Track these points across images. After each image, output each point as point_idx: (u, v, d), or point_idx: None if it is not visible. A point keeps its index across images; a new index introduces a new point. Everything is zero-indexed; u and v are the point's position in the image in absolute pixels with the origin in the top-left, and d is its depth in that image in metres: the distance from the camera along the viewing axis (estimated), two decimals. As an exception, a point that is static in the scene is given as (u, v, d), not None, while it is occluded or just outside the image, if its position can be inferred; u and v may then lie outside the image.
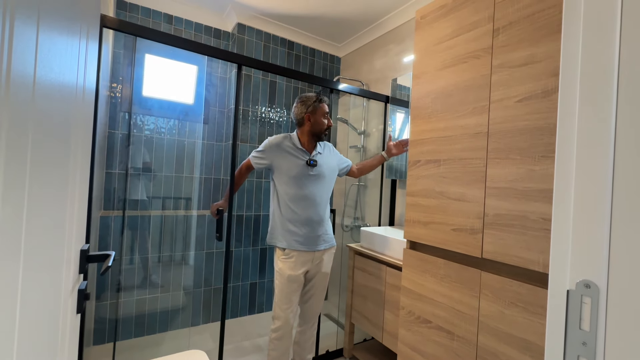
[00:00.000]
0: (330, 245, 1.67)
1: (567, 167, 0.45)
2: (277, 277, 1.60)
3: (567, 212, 0.45)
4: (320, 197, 1.62)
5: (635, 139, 0.39)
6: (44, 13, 0.37)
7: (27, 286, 0.37)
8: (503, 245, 0.96)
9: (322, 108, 1.61)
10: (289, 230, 1.57)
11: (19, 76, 0.31)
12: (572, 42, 0.45)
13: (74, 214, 0.60)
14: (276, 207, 1.62)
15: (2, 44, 0.27)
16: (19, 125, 0.33)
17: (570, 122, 0.45)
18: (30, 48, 0.33)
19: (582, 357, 0.42)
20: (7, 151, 0.30)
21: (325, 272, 1.68)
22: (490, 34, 1.03)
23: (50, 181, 0.45)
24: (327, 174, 1.65)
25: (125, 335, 2.06)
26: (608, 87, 0.41)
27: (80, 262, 0.63)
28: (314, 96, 1.62)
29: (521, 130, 0.93)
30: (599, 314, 0.41)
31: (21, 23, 0.31)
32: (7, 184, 0.30)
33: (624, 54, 0.39)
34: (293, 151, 1.59)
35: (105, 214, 1.98)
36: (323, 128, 1.62)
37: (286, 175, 1.57)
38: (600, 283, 0.41)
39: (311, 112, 1.61)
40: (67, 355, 0.61)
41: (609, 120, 0.41)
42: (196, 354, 1.28)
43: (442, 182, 1.17)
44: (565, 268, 0.45)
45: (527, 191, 0.91)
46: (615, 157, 0.40)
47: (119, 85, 2.04)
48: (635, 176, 0.38)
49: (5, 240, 0.31)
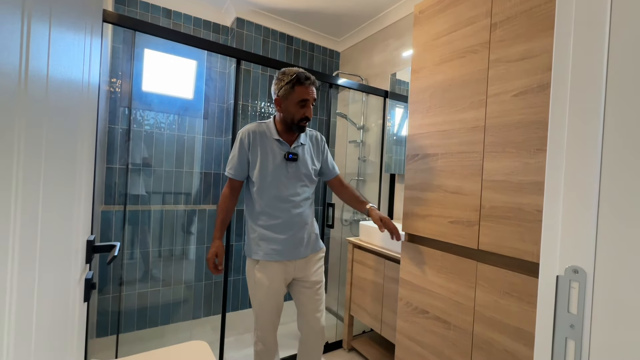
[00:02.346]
0: (315, 249, 1.38)
1: (557, 160, 0.47)
2: (254, 291, 1.32)
3: (557, 203, 0.47)
4: (302, 197, 1.32)
5: (621, 135, 0.40)
6: (55, 10, 0.38)
7: (42, 275, 0.39)
8: (499, 237, 0.99)
9: (298, 92, 1.21)
10: (267, 238, 1.28)
11: (35, 73, 0.33)
12: (564, 38, 0.46)
13: (81, 206, 0.62)
14: (249, 212, 1.33)
15: (21, 42, 0.28)
16: (35, 121, 0.34)
17: (561, 117, 0.47)
18: (43, 45, 0.35)
19: (570, 339, 0.44)
20: (27, 147, 0.32)
21: (316, 280, 1.37)
22: (488, 29, 1.04)
23: (61, 174, 0.46)
24: (309, 170, 1.35)
25: (128, 328, 2.09)
26: (597, 84, 0.42)
27: (87, 252, 0.65)
28: (293, 73, 1.22)
29: (517, 124, 0.95)
30: (586, 297, 0.43)
31: (36, 21, 0.32)
32: (26, 177, 0.32)
33: (613, 49, 0.41)
34: (267, 141, 1.29)
35: (106, 208, 2.00)
36: (295, 119, 1.24)
37: (260, 172, 1.27)
38: (588, 268, 0.43)
39: (282, 96, 1.23)
40: (76, 342, 0.63)
41: (598, 116, 0.42)
42: (198, 345, 1.30)
43: (439, 176, 1.18)
44: (555, 255, 0.47)
45: (522, 184, 0.93)
46: (603, 152, 0.42)
47: (119, 80, 2.04)
48: (620, 169, 0.40)
49: (24, 231, 0.33)
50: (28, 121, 0.32)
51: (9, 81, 0.27)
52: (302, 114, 1.24)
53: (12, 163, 0.29)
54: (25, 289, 0.34)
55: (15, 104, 0.29)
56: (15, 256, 0.31)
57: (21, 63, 0.29)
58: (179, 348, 1.27)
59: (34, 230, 0.36)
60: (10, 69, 0.27)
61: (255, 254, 1.30)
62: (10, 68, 0.27)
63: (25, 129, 0.31)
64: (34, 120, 0.34)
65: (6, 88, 0.27)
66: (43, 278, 0.40)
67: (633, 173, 0.39)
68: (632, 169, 0.39)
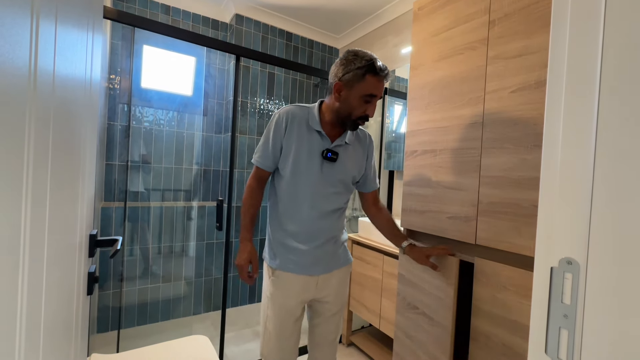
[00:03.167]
0: (343, 264, 1.17)
1: (552, 155, 0.48)
2: (266, 304, 1.12)
3: (552, 196, 0.48)
4: (333, 207, 1.10)
5: (614, 131, 0.41)
6: (61, 8, 0.39)
7: (49, 268, 0.40)
8: (496, 232, 1.00)
9: (369, 84, 0.98)
10: (285, 245, 1.09)
11: (43, 70, 0.34)
12: (560, 36, 0.47)
13: (84, 200, 0.63)
14: (271, 210, 1.14)
15: (31, 40, 0.29)
16: (43, 118, 0.35)
17: (557, 112, 0.48)
18: (50, 42, 0.35)
19: (563, 328, 0.46)
20: (35, 145, 0.32)
21: (339, 294, 1.18)
22: (486, 25, 1.05)
23: (66, 169, 0.47)
24: (348, 176, 1.12)
25: (128, 324, 2.11)
26: (592, 80, 0.43)
27: (90, 246, 0.66)
28: (368, 58, 0.98)
29: (515, 121, 0.96)
30: (579, 288, 0.44)
31: (44, 18, 0.33)
32: (35, 173, 0.33)
33: (607, 45, 0.42)
34: (307, 130, 1.07)
35: (106, 205, 2.00)
36: (354, 114, 1.02)
37: (291, 165, 1.05)
38: (581, 260, 0.44)
39: (346, 81, 0.99)
40: (80, 334, 0.64)
41: (592, 113, 0.43)
42: (199, 339, 1.32)
43: (438, 172, 1.20)
44: (550, 247, 0.48)
45: (520, 179, 0.94)
46: (597, 147, 0.43)
47: (117, 77, 2.04)
48: (613, 165, 0.41)
49: (34, 225, 0.33)
50: (37, 118, 0.33)
51: (21, 78, 0.28)
52: (363, 111, 1.02)
53: (23, 162, 0.30)
54: (35, 281, 0.35)
55: (26, 100, 0.30)
56: (27, 251, 0.32)
57: (31, 60, 0.30)
58: (180, 342, 1.29)
59: (42, 224, 0.36)
60: (21, 66, 0.28)
61: (272, 261, 1.11)
62: (22, 65, 0.28)
63: (34, 126, 0.32)
64: (42, 117, 0.35)
65: (18, 85, 0.28)
66: (50, 271, 0.41)
67: (624, 169, 0.40)
68: (624, 165, 0.40)
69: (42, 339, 0.39)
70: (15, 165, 0.28)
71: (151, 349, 1.22)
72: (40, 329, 0.38)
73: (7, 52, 0.25)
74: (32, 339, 0.35)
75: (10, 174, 0.28)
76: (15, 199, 0.29)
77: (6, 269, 0.28)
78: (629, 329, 0.39)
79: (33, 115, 0.32)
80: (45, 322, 0.39)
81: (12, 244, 0.29)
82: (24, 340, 0.32)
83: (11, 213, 0.28)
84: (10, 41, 0.26)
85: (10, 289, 0.29)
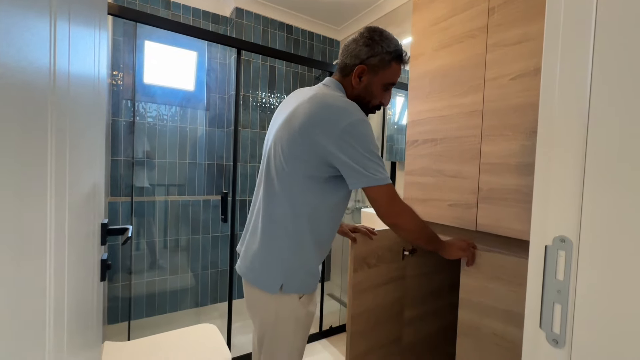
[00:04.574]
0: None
1: (548, 140, 0.50)
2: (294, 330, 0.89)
3: (547, 179, 0.50)
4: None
5: (604, 115, 0.43)
6: (73, 8, 0.41)
7: (70, 255, 0.43)
8: (496, 218, 1.02)
9: (394, 71, 0.90)
10: (315, 273, 0.91)
11: (60, 69, 0.36)
12: (554, 20, 0.48)
13: (96, 190, 0.65)
14: (312, 226, 0.86)
15: (50, 41, 0.31)
16: (62, 115, 0.37)
17: (551, 98, 0.49)
18: (64, 42, 0.37)
19: (557, 303, 0.48)
20: (57, 141, 0.35)
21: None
22: (486, 13, 1.05)
23: (81, 161, 0.49)
24: None
25: (137, 315, 2.16)
26: (584, 71, 0.45)
27: (102, 235, 0.69)
28: (396, 43, 0.90)
29: (514, 108, 0.97)
30: (572, 264, 0.46)
31: (60, 19, 0.35)
32: (57, 167, 0.35)
33: (599, 29, 0.43)
34: None
35: (113, 199, 2.04)
36: (373, 102, 0.93)
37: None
38: (573, 237, 0.46)
39: (372, 66, 0.88)
40: (96, 317, 0.67)
41: (584, 99, 0.45)
42: (207, 327, 1.36)
43: (439, 161, 1.21)
44: (545, 226, 0.50)
45: (519, 166, 0.96)
46: (588, 131, 0.44)
47: (120, 73, 2.06)
48: (603, 148, 0.43)
49: (57, 214, 0.36)
50: (58, 115, 0.35)
51: (43, 79, 0.30)
52: (380, 99, 0.94)
53: (46, 156, 0.32)
54: (58, 266, 0.37)
55: (48, 100, 0.32)
56: (52, 236, 0.34)
57: (51, 61, 0.32)
58: (188, 331, 1.33)
59: (62, 214, 0.39)
60: (43, 67, 0.30)
61: (306, 288, 0.90)
62: (44, 66, 0.30)
63: (56, 123, 0.34)
64: (61, 114, 0.37)
65: (41, 85, 0.30)
66: (70, 256, 0.43)
67: (614, 151, 0.41)
68: (613, 148, 0.41)
69: (66, 319, 0.41)
70: (40, 158, 0.30)
71: (161, 337, 1.26)
72: (64, 309, 0.41)
73: (32, 55, 0.27)
74: (59, 316, 0.38)
75: (37, 166, 0.30)
76: (41, 188, 0.31)
77: (37, 252, 0.30)
78: (617, 302, 0.41)
79: (54, 114, 0.34)
80: (68, 303, 0.42)
81: (40, 228, 0.31)
82: (52, 318, 0.35)
83: (38, 199, 0.30)
84: (36, 45, 0.28)
85: (40, 270, 0.31)
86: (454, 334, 1.51)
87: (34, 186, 0.29)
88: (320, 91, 0.86)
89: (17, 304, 0.26)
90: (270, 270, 0.86)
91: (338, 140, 0.78)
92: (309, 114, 0.81)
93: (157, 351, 1.15)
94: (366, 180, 0.79)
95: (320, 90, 0.88)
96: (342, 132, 0.77)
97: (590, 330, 0.44)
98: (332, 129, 0.78)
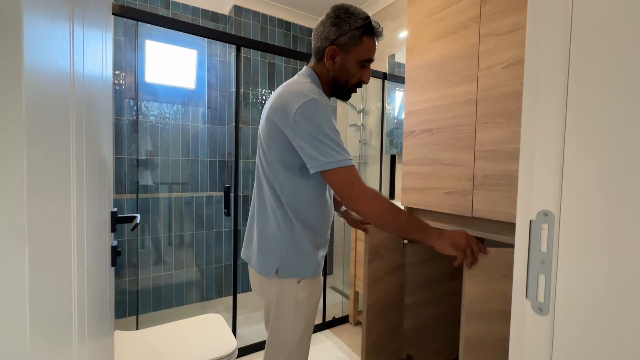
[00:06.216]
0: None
1: (531, 122, 0.53)
2: (295, 312, 0.91)
3: (531, 157, 0.53)
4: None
5: (580, 98, 0.45)
6: (87, 13, 0.44)
7: (88, 239, 0.46)
8: (491, 204, 1.04)
9: (366, 46, 0.87)
10: (309, 258, 0.91)
11: (77, 71, 0.39)
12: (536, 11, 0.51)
13: (105, 180, 0.69)
14: (293, 219, 0.88)
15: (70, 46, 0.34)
16: (79, 115, 0.40)
17: (535, 83, 0.52)
18: (79, 45, 0.40)
19: (541, 274, 0.51)
20: (76, 141, 0.38)
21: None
22: (478, 3, 1.07)
23: (95, 154, 0.53)
24: None
25: (144, 309, 2.21)
26: (562, 58, 0.47)
27: (112, 222, 0.72)
28: (363, 16, 0.86)
29: (507, 95, 0.99)
30: (554, 236, 0.49)
31: (76, 24, 0.38)
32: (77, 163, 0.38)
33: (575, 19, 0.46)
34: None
35: (118, 197, 2.08)
36: (350, 82, 0.90)
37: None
38: (555, 211, 0.49)
39: (343, 45, 0.86)
40: (109, 304, 0.71)
41: (563, 84, 0.48)
42: (214, 317, 1.40)
43: (435, 150, 1.24)
44: (529, 202, 0.53)
45: (512, 152, 0.98)
46: (567, 113, 0.47)
47: (122, 73, 2.10)
48: (581, 129, 0.45)
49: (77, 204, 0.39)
50: (76, 116, 0.38)
51: (64, 82, 0.33)
52: (359, 77, 0.90)
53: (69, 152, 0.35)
54: (79, 251, 0.41)
55: (69, 102, 0.35)
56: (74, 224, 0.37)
57: (70, 64, 0.35)
58: (196, 320, 1.37)
59: (80, 202, 0.42)
60: (64, 70, 0.33)
61: (302, 272, 0.90)
62: (64, 69, 0.33)
63: (75, 124, 0.37)
64: (78, 115, 0.40)
65: (63, 89, 0.33)
66: (89, 242, 0.47)
67: (589, 130, 0.44)
68: (588, 127, 0.44)
69: (86, 303, 0.45)
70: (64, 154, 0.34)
71: (169, 326, 1.30)
72: (85, 296, 0.44)
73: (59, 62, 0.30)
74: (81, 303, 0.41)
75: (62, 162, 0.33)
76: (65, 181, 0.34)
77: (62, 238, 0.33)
78: (595, 271, 0.44)
79: (74, 114, 0.37)
80: (88, 287, 0.46)
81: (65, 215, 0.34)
82: (76, 298, 0.38)
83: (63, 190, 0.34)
84: (60, 51, 0.31)
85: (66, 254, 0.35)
86: (453, 319, 1.54)
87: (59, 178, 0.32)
88: (289, 80, 0.90)
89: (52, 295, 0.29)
90: (266, 256, 0.90)
91: (293, 124, 0.78)
92: (272, 103, 0.86)
93: (165, 339, 1.19)
94: (319, 164, 0.77)
95: (291, 79, 0.91)
96: (295, 115, 0.78)
97: (570, 298, 0.47)
98: (287, 113, 0.79)
